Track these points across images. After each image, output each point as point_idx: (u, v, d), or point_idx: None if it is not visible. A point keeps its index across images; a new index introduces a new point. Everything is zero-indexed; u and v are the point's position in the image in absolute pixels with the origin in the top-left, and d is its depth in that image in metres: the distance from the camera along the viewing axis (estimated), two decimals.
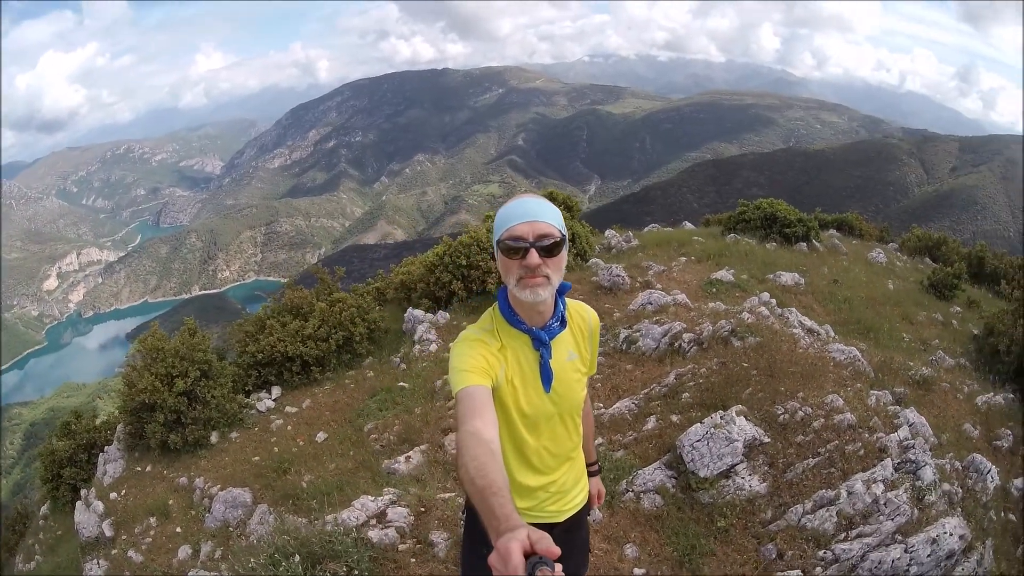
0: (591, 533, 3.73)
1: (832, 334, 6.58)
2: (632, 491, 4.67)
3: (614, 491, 4.59)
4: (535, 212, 1.63)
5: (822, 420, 4.62)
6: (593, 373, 1.97)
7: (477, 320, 1.85)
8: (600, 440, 5.26)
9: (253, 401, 7.11)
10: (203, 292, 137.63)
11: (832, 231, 14.37)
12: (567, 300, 1.83)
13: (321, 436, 6.26)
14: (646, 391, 6.19)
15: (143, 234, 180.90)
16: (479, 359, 1.65)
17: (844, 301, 8.67)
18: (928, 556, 3.17)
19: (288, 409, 6.85)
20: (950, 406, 5.00)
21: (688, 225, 14.56)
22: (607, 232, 12.10)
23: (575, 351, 1.85)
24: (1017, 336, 5.72)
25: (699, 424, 4.87)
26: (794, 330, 6.45)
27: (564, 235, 1.65)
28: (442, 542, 3.80)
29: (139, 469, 6.69)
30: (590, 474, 2.18)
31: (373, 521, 3.93)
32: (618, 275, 8.99)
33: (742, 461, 4.58)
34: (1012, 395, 5.37)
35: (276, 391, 7.42)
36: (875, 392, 4.83)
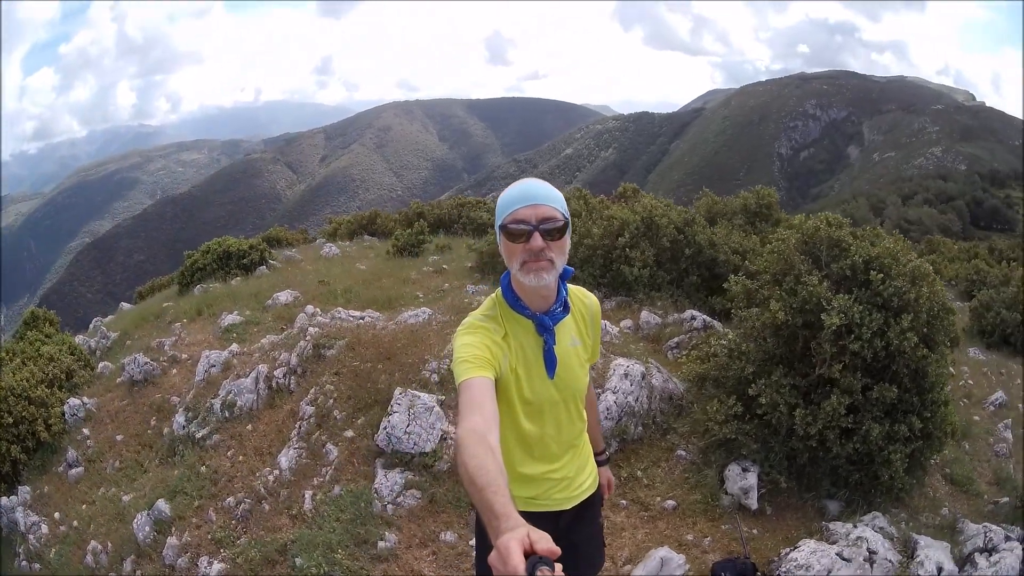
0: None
1: (380, 314, 7.36)
2: (385, 503, 4.32)
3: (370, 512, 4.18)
4: (538, 195, 1.61)
5: None
6: (595, 360, 1.97)
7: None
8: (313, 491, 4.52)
9: None
10: None
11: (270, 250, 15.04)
12: (568, 285, 1.81)
13: None
14: (297, 432, 5.52)
15: None
16: (482, 349, 1.59)
17: (347, 291, 9.10)
18: (632, 384, 4.47)
19: None
20: None
21: (125, 306, 12.80)
22: (77, 338, 9.58)
23: (578, 337, 1.83)
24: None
25: (394, 414, 4.84)
26: (358, 321, 6.88)
27: (567, 218, 1.64)
28: None
29: None
30: (599, 463, 2.14)
31: None
32: (145, 363, 7.58)
33: (446, 422, 4.89)
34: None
35: None
36: None
